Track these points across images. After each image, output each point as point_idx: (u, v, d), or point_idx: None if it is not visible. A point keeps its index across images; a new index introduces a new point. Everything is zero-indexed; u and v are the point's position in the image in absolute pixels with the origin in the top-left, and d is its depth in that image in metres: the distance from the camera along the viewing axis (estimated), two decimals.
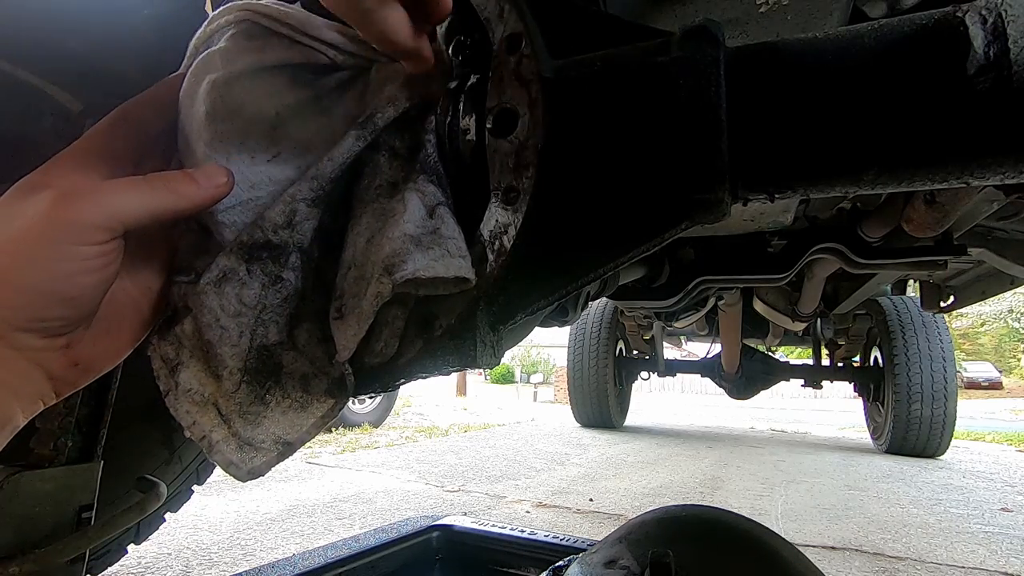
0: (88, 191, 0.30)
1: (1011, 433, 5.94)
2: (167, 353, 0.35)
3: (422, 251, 0.31)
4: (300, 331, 0.35)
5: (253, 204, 0.35)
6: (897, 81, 0.30)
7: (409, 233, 0.31)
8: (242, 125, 0.35)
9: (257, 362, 0.35)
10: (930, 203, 1.05)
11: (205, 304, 0.34)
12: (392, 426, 4.88)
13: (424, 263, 0.31)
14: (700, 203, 0.32)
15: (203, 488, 1.25)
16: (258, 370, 0.35)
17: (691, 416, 7.86)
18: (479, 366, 0.35)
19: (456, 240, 0.33)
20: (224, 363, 0.34)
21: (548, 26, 0.36)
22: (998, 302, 20.43)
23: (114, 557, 1.08)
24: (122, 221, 0.30)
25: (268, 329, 0.35)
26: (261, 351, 0.35)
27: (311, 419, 0.35)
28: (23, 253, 0.28)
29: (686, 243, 1.48)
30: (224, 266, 0.34)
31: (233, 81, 0.35)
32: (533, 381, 23.07)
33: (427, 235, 0.32)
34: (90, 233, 0.29)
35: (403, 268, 0.30)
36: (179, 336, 0.35)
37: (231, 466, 0.34)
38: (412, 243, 0.31)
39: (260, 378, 0.35)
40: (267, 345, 0.35)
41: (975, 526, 2.18)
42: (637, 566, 0.57)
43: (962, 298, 1.94)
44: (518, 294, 0.35)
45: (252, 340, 0.34)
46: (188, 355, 0.35)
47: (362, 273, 0.33)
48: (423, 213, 0.33)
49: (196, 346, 0.35)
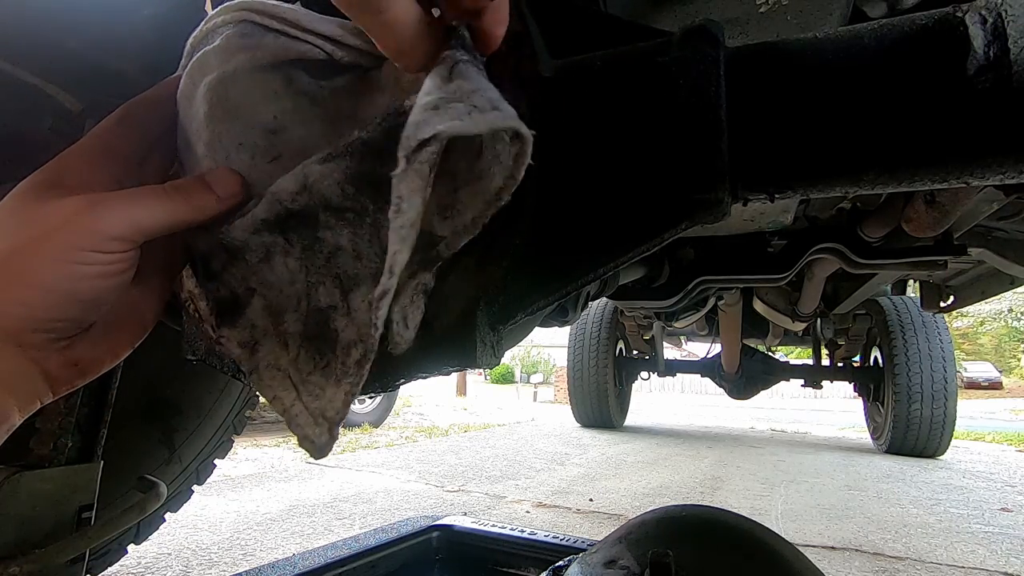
0: (111, 201, 0.30)
1: (1011, 433, 5.94)
2: (243, 338, 0.35)
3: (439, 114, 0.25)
4: (356, 295, 0.33)
5: None
6: (897, 81, 0.30)
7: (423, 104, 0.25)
8: (240, 128, 0.35)
9: (314, 327, 0.34)
10: (930, 203, 1.05)
11: (265, 280, 0.35)
12: (392, 426, 4.88)
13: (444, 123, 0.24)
14: (700, 203, 0.32)
15: (203, 488, 1.25)
16: (316, 336, 0.34)
17: (691, 416, 7.86)
18: (479, 366, 0.35)
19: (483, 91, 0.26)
20: (288, 330, 0.34)
21: (548, 26, 0.36)
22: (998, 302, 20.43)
23: (114, 557, 1.08)
24: (143, 232, 0.31)
25: (318, 291, 0.34)
26: (316, 314, 0.34)
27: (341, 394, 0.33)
28: (45, 255, 0.29)
29: (686, 243, 1.48)
30: (264, 243, 0.34)
31: (228, 82, 0.34)
32: (533, 381, 23.07)
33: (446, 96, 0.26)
34: (113, 243, 0.30)
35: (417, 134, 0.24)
36: (251, 318, 0.35)
37: (306, 440, 0.33)
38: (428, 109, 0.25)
39: (318, 344, 0.34)
40: (320, 308, 0.34)
41: (975, 526, 2.18)
42: (637, 566, 0.57)
43: (962, 298, 1.94)
44: (518, 294, 0.35)
45: (309, 304, 0.34)
46: (262, 333, 0.35)
47: None
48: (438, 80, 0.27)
49: (268, 323, 0.35)
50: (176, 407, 1.05)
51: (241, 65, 0.34)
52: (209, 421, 1.12)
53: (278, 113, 0.35)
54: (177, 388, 1.04)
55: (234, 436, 1.21)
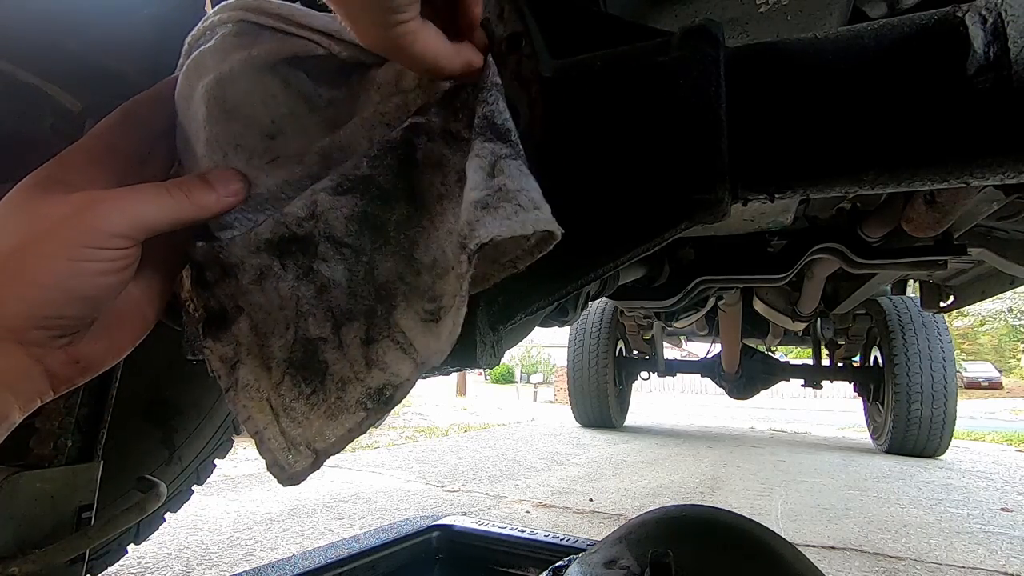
0: (113, 198, 0.30)
1: (1011, 433, 5.94)
2: (225, 353, 0.36)
3: (491, 213, 0.28)
4: (348, 329, 0.34)
5: (253, 201, 0.35)
6: (897, 81, 0.30)
7: (473, 200, 0.28)
8: (238, 129, 0.35)
9: (301, 355, 0.34)
10: (930, 203, 1.05)
11: (254, 302, 0.35)
12: (392, 426, 4.88)
13: (496, 226, 0.27)
14: (700, 203, 0.32)
15: (203, 488, 1.25)
16: (302, 364, 0.34)
17: (691, 416, 7.86)
18: (479, 366, 0.35)
19: (527, 191, 0.29)
20: (273, 355, 0.35)
21: (548, 26, 0.36)
22: (998, 302, 20.43)
23: (114, 557, 1.08)
24: (145, 229, 0.31)
25: (307, 321, 0.34)
26: (304, 344, 0.34)
27: (340, 430, 0.33)
28: (47, 252, 0.29)
29: (686, 243, 1.48)
30: (259, 264, 0.35)
31: (226, 83, 0.34)
32: (533, 381, 23.06)
33: (492, 195, 0.29)
34: (115, 239, 0.30)
35: (475, 236, 0.27)
36: (236, 335, 0.36)
37: (275, 466, 0.34)
38: (479, 208, 0.28)
39: (304, 373, 0.34)
40: (309, 338, 0.34)
41: (975, 526, 2.18)
42: (637, 566, 0.57)
43: (962, 298, 1.94)
44: (518, 294, 0.35)
45: (296, 332, 0.35)
46: (245, 352, 0.36)
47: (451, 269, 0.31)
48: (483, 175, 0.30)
49: (252, 343, 0.35)
50: (176, 407, 1.05)
51: (237, 66, 0.34)
52: (209, 421, 1.12)
53: (276, 117, 0.35)
54: (177, 388, 1.04)
55: (234, 436, 1.21)
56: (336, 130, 0.35)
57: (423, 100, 0.34)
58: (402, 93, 0.35)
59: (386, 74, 0.35)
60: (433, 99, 0.34)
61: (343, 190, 0.33)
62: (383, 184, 0.34)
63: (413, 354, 0.32)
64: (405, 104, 0.35)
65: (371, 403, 0.32)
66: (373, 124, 0.35)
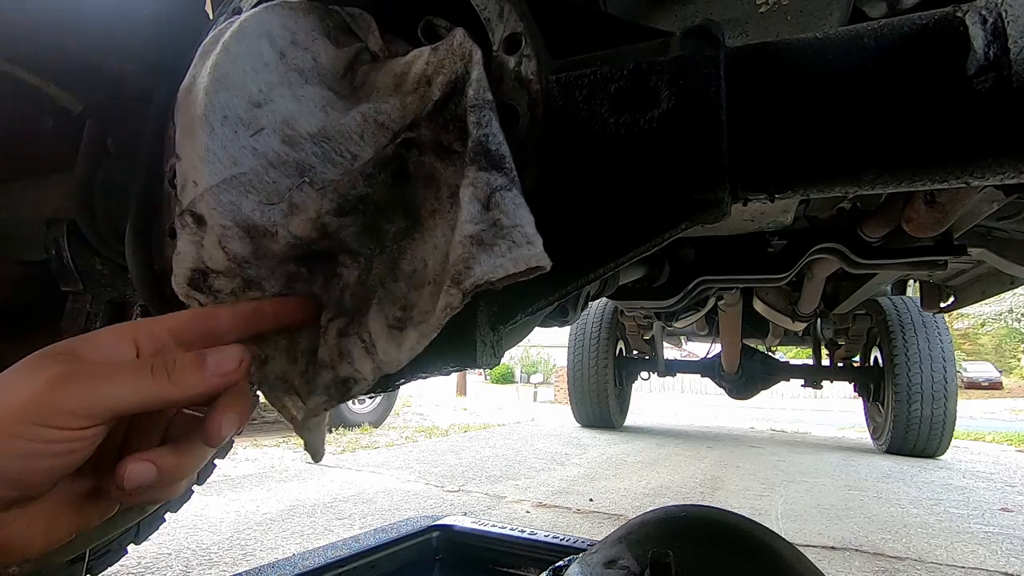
0: (85, 374, 0.28)
1: (1011, 433, 5.94)
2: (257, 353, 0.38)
3: (486, 251, 0.29)
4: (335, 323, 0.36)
5: (236, 181, 0.35)
6: (897, 81, 0.30)
7: (469, 234, 0.30)
8: (225, 98, 0.35)
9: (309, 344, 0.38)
10: (930, 203, 1.05)
11: None
12: (392, 426, 4.88)
13: (491, 265, 0.29)
14: (700, 203, 0.32)
15: (203, 488, 1.25)
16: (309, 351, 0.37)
17: (691, 416, 7.86)
18: (479, 366, 0.35)
19: (521, 227, 0.30)
20: (301, 345, 0.37)
21: (548, 26, 0.36)
22: (998, 302, 20.41)
23: (114, 557, 1.08)
24: (110, 409, 0.28)
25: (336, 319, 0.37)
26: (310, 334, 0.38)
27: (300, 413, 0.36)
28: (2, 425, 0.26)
29: (686, 243, 1.48)
30: (288, 271, 0.37)
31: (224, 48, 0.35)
32: (533, 381, 23.06)
33: (488, 230, 0.30)
34: (65, 418, 0.27)
35: (470, 275, 0.29)
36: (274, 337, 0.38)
37: (308, 446, 0.37)
38: (474, 244, 0.30)
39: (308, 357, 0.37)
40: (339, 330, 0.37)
41: (975, 526, 2.18)
42: (637, 566, 0.57)
43: (962, 298, 1.93)
44: (518, 294, 0.35)
45: None
46: (273, 348, 0.38)
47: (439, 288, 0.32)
48: (478, 208, 0.31)
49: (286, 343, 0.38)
50: None
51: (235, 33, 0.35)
52: None
53: (264, 86, 0.36)
54: None
55: (234, 436, 1.20)
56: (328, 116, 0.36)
57: (418, 106, 0.35)
58: (401, 95, 0.35)
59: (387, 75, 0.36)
60: (428, 107, 0.35)
61: (344, 212, 0.35)
62: (379, 202, 0.36)
63: (374, 355, 0.34)
64: (403, 106, 0.35)
65: (334, 390, 0.35)
66: (367, 120, 0.35)
